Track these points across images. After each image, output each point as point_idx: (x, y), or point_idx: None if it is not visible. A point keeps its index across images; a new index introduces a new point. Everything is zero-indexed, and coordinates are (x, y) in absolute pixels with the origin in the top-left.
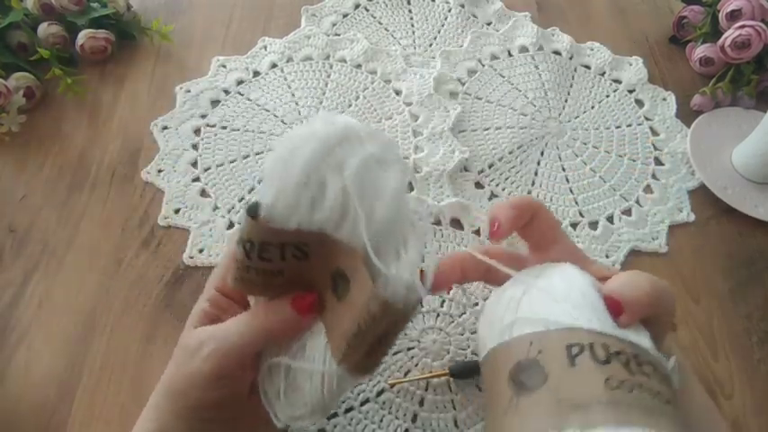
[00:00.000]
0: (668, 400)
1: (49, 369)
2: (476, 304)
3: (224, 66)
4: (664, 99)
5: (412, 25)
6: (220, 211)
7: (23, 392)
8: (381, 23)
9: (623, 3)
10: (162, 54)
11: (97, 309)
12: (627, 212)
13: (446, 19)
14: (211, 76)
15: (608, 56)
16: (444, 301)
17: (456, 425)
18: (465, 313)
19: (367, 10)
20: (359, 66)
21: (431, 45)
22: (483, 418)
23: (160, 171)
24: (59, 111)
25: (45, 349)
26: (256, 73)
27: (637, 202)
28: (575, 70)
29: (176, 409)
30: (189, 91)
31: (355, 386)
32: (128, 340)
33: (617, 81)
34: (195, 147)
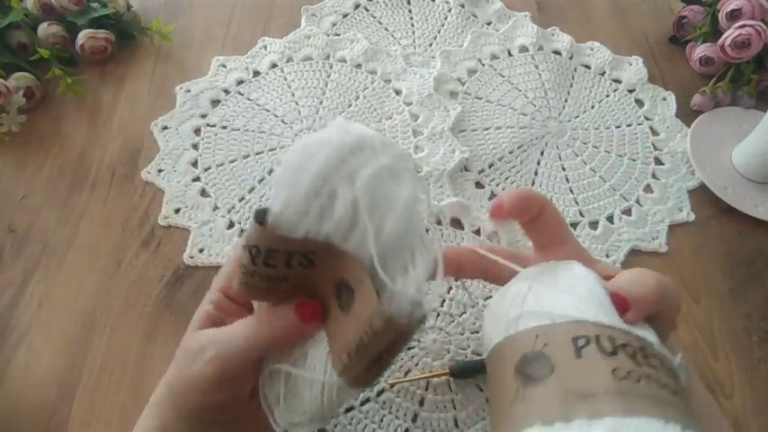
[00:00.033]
0: (675, 392)
1: (49, 369)
2: (475, 305)
3: (224, 66)
4: (664, 99)
5: (412, 25)
6: (220, 211)
7: (23, 392)
8: (381, 23)
9: (623, 3)
10: (162, 54)
11: (97, 309)
12: (627, 212)
13: (446, 19)
14: (211, 76)
15: (608, 56)
16: (444, 301)
17: (456, 425)
18: (465, 313)
19: (367, 10)
20: (359, 66)
21: (431, 45)
22: (483, 418)
23: (160, 171)
24: (59, 111)
25: (45, 349)
26: (256, 73)
27: (637, 202)
28: (575, 70)
29: (178, 410)
30: (189, 91)
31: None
32: (128, 340)
33: (617, 81)
34: (195, 146)
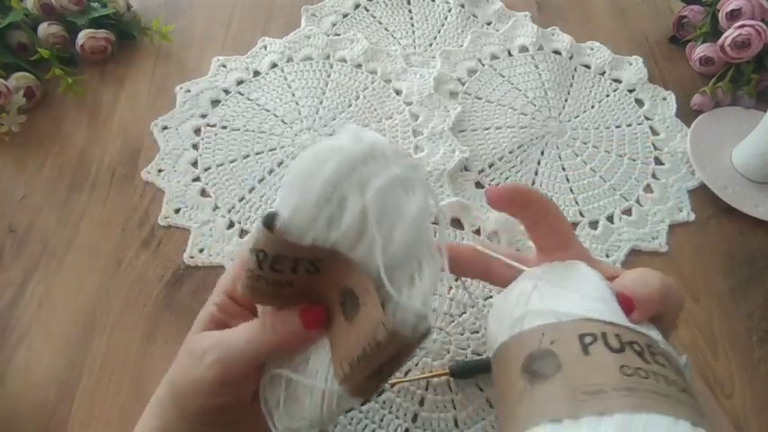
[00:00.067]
0: (684, 389)
1: (49, 369)
2: (475, 304)
3: (224, 66)
4: (664, 99)
5: (412, 25)
6: (220, 211)
7: (23, 392)
8: (381, 23)
9: (623, 3)
10: (162, 54)
11: (97, 309)
12: (627, 212)
13: (446, 19)
14: (211, 76)
15: (608, 55)
16: (445, 301)
17: (456, 425)
18: (465, 313)
19: (367, 10)
20: (359, 66)
21: (431, 45)
22: (483, 418)
23: (160, 171)
24: (59, 111)
25: (45, 349)
26: (256, 73)
27: (637, 202)
28: (575, 70)
29: (179, 411)
30: (189, 91)
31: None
32: (128, 340)
33: (617, 81)
34: (195, 146)
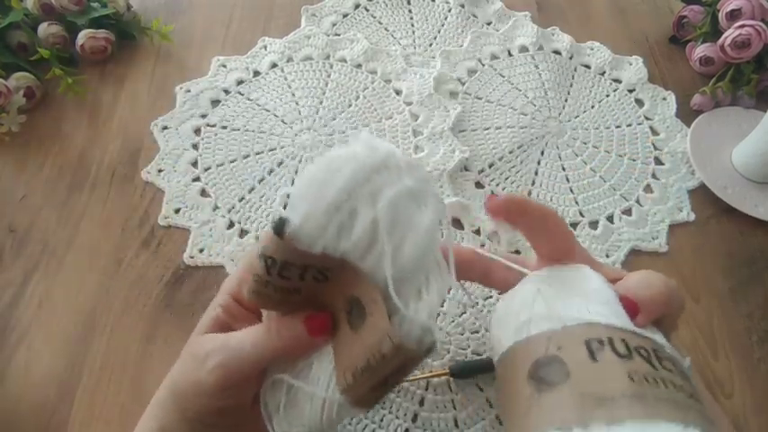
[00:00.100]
0: (692, 395)
1: (49, 369)
2: (475, 305)
3: (224, 66)
4: (664, 99)
5: (412, 25)
6: (221, 211)
7: (23, 392)
8: (381, 23)
9: (623, 3)
10: (162, 54)
11: (97, 309)
12: (627, 212)
13: (446, 19)
14: (211, 76)
15: (608, 55)
16: (445, 301)
17: (456, 425)
18: (465, 313)
19: (367, 10)
20: (359, 66)
21: (431, 45)
22: (483, 418)
23: (160, 171)
24: (59, 111)
25: (45, 349)
26: (256, 73)
27: (637, 202)
28: (575, 70)
29: (180, 412)
30: (189, 91)
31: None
32: (128, 340)
33: (617, 81)
34: (195, 146)
